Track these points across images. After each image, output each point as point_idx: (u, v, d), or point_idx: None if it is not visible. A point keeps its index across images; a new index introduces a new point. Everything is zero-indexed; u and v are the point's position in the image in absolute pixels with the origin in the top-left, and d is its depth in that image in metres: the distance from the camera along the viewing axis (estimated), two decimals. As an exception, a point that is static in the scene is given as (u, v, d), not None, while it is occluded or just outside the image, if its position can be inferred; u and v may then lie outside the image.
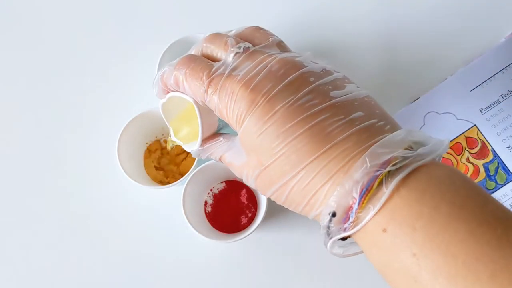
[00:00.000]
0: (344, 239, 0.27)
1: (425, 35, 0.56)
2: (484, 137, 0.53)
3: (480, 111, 0.53)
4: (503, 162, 0.52)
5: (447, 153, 0.53)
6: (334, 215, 0.26)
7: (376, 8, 0.57)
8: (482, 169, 0.53)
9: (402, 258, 0.24)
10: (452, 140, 0.53)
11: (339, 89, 0.28)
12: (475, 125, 0.53)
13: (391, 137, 0.26)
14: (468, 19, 0.56)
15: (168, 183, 0.52)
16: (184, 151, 0.54)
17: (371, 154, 0.25)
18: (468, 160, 0.53)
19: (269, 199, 0.46)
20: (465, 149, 0.53)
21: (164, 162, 0.54)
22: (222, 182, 0.53)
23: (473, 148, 0.53)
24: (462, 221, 0.24)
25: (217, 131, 0.35)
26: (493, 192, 0.52)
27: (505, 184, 0.52)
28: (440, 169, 0.26)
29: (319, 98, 0.27)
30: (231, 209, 0.52)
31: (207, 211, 0.52)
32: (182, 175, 0.53)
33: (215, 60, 0.31)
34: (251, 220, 0.51)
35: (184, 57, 0.31)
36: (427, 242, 0.24)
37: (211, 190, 0.53)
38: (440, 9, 0.57)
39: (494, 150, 0.53)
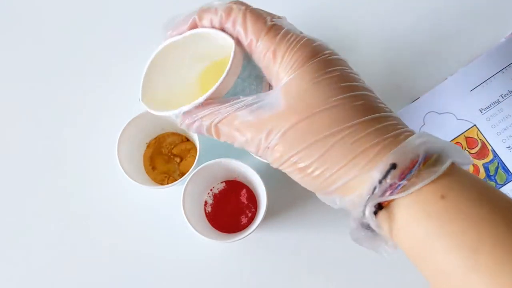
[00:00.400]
0: (379, 208, 0.26)
1: (425, 35, 0.56)
2: (484, 137, 0.53)
3: (480, 111, 0.53)
4: (503, 162, 0.52)
5: (447, 153, 0.53)
6: (394, 167, 0.25)
7: (376, 8, 0.57)
8: (482, 169, 0.53)
9: (462, 224, 0.24)
10: (452, 140, 0.53)
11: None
12: (475, 125, 0.53)
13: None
14: (468, 19, 0.56)
15: (168, 183, 0.52)
16: (183, 152, 0.54)
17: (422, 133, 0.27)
18: (468, 160, 0.53)
19: (269, 199, 0.46)
20: (465, 149, 0.53)
21: (163, 162, 0.54)
22: (222, 182, 0.53)
23: (473, 148, 0.53)
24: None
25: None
26: (493, 192, 0.52)
27: (505, 184, 0.52)
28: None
29: (363, 82, 0.30)
30: (231, 209, 0.52)
31: (207, 211, 0.52)
32: (182, 175, 0.53)
33: None
34: (251, 220, 0.51)
35: None
36: (491, 213, 0.24)
37: (211, 190, 0.53)
38: (440, 9, 0.57)
39: (494, 150, 0.53)
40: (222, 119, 0.29)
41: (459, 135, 0.53)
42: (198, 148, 0.48)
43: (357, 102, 0.27)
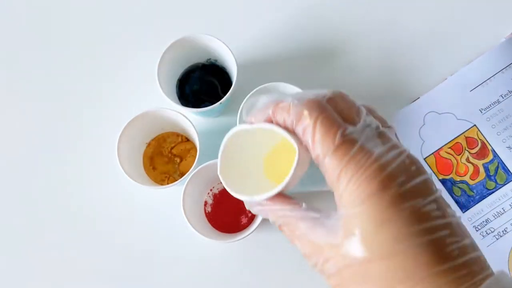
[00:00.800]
0: None
1: (425, 35, 0.56)
2: (484, 137, 0.53)
3: (480, 111, 0.53)
4: (503, 162, 0.52)
5: (447, 153, 0.53)
6: None
7: (376, 8, 0.57)
8: (482, 169, 0.53)
9: None
10: (452, 140, 0.53)
11: (448, 207, 0.27)
12: (475, 125, 0.53)
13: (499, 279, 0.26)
14: (468, 19, 0.56)
15: (168, 183, 0.52)
16: (183, 152, 0.54)
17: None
18: (468, 160, 0.53)
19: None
20: (465, 149, 0.53)
21: (163, 162, 0.54)
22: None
23: (473, 148, 0.53)
24: None
25: None
26: (493, 192, 0.52)
27: (505, 184, 0.52)
28: None
29: (441, 211, 0.26)
30: (231, 209, 0.52)
31: (207, 211, 0.52)
32: (182, 175, 0.53)
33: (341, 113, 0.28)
34: (251, 220, 0.51)
35: (315, 100, 0.28)
36: None
37: (211, 190, 0.53)
38: (440, 9, 0.57)
39: (494, 150, 0.53)
40: (284, 222, 0.30)
41: (459, 135, 0.53)
42: (198, 148, 0.48)
43: (423, 250, 0.25)
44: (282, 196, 0.30)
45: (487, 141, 0.53)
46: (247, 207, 0.32)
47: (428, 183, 0.26)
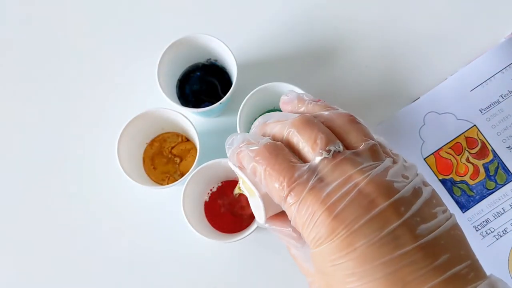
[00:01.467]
0: None
1: (425, 35, 0.56)
2: (484, 137, 0.53)
3: (480, 111, 0.53)
4: (503, 162, 0.52)
5: (447, 153, 0.53)
6: None
7: (376, 8, 0.57)
8: (482, 169, 0.53)
9: None
10: (452, 140, 0.53)
11: (427, 220, 0.26)
12: (475, 125, 0.53)
13: None
14: (468, 19, 0.56)
15: (168, 183, 0.52)
16: (183, 152, 0.54)
17: None
18: (468, 160, 0.53)
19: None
20: (465, 149, 0.53)
21: (163, 162, 0.54)
22: (222, 182, 0.53)
23: (473, 148, 0.53)
24: None
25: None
26: (493, 192, 0.52)
27: (505, 184, 0.52)
28: None
29: (405, 237, 0.25)
30: (231, 209, 0.52)
31: (207, 211, 0.52)
32: (182, 175, 0.53)
33: (297, 151, 0.29)
34: (251, 220, 0.51)
35: (266, 146, 0.29)
36: None
37: (211, 190, 0.53)
38: (441, 9, 0.57)
39: (494, 150, 0.53)
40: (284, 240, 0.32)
41: (459, 135, 0.53)
42: (198, 148, 0.48)
43: (383, 284, 0.25)
44: (274, 217, 0.31)
45: (487, 141, 0.53)
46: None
47: (390, 211, 0.25)
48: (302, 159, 0.28)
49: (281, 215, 0.31)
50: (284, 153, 0.28)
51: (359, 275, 0.25)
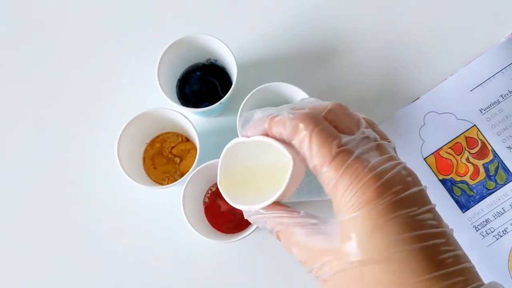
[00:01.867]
0: None
1: (425, 35, 0.56)
2: (484, 137, 0.53)
3: (480, 111, 0.53)
4: (503, 162, 0.52)
5: (447, 153, 0.53)
6: None
7: (376, 8, 0.57)
8: (482, 169, 0.53)
9: None
10: (452, 140, 0.53)
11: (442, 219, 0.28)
12: (475, 125, 0.53)
13: None
14: (468, 19, 0.56)
15: (168, 183, 0.52)
16: (183, 152, 0.54)
17: None
18: (468, 160, 0.53)
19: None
20: (465, 149, 0.53)
21: (163, 162, 0.54)
22: (222, 182, 0.53)
23: (473, 148, 0.53)
24: None
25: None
26: (493, 192, 0.52)
27: (505, 184, 0.52)
28: None
29: (436, 221, 0.27)
30: (231, 209, 0.52)
31: (207, 211, 0.52)
32: (182, 175, 0.53)
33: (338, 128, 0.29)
34: (251, 220, 0.51)
35: (310, 114, 0.29)
36: None
37: (211, 190, 0.53)
38: (440, 9, 0.57)
39: (494, 150, 0.53)
40: (282, 230, 0.30)
41: (459, 135, 0.53)
42: (198, 148, 0.48)
43: (418, 256, 0.25)
44: (279, 204, 0.31)
45: (487, 141, 0.53)
46: (245, 217, 0.32)
47: (423, 194, 0.27)
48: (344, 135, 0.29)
49: (278, 204, 0.31)
50: (328, 124, 0.29)
51: (400, 242, 0.25)
